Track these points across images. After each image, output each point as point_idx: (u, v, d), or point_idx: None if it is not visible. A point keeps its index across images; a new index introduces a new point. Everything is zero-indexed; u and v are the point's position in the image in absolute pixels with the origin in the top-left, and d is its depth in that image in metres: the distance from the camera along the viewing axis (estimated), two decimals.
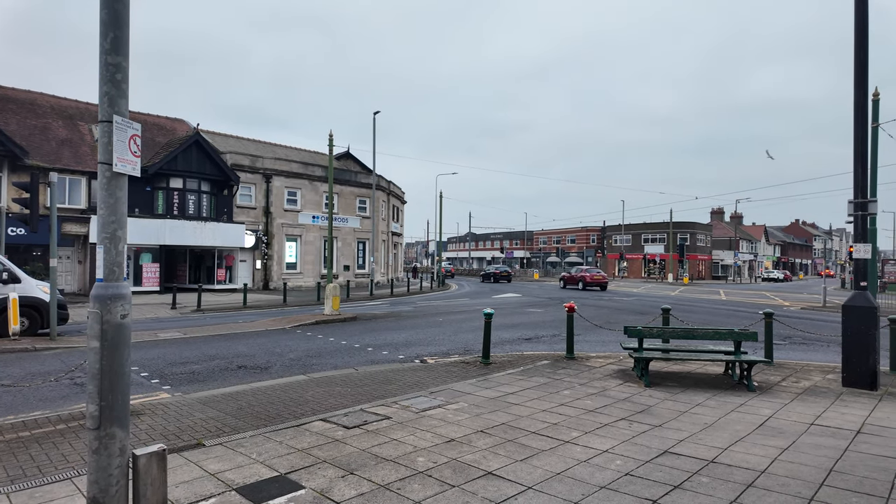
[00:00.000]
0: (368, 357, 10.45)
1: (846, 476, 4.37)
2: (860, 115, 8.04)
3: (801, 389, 7.60)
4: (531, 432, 5.48)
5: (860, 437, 5.44)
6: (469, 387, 7.50)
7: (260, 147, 36.96)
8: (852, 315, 7.80)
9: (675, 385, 7.81)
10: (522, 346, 12.12)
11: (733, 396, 7.14)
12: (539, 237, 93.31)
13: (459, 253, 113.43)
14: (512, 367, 8.95)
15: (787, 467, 4.56)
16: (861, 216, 8.14)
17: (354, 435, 5.36)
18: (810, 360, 10.41)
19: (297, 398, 6.94)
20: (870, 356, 7.62)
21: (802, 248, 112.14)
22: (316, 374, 8.53)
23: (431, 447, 5.00)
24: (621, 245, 73.37)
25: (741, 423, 5.88)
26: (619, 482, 4.21)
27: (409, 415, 6.07)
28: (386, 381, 7.98)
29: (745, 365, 7.76)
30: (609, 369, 8.92)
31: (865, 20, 7.90)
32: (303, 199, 34.05)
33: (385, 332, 13.96)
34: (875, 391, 7.51)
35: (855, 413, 6.35)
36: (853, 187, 8.14)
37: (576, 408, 6.47)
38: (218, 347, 11.28)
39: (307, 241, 34.15)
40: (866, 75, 7.95)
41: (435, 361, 9.76)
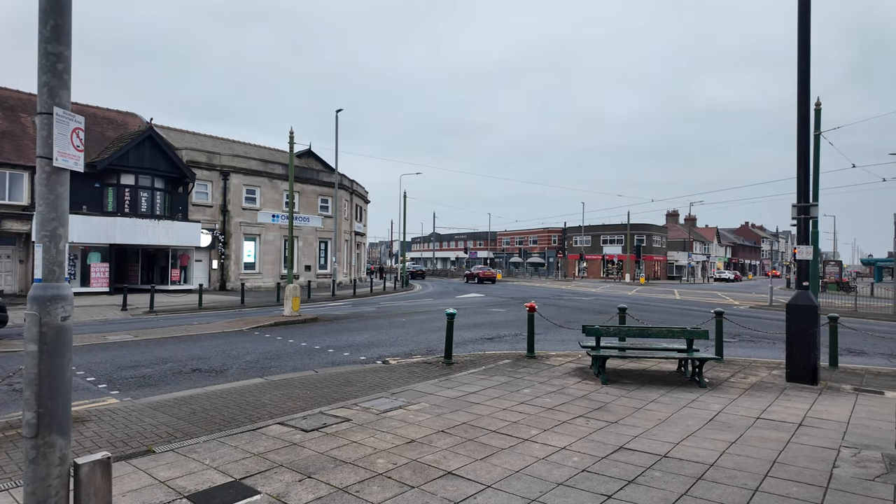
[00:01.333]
0: (329, 359, 10.30)
1: (788, 467, 4.59)
2: (803, 123, 8.47)
3: (749, 385, 7.94)
4: (491, 431, 5.52)
5: (801, 429, 5.72)
6: (431, 387, 7.50)
7: (217, 143, 35.91)
8: (795, 314, 8.20)
9: (630, 382, 8.02)
10: (485, 345, 12.20)
11: (685, 392, 7.39)
12: (502, 238, 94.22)
13: (423, 253, 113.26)
14: (474, 367, 9.00)
15: (735, 460, 4.75)
16: (804, 219, 8.57)
17: (313, 438, 5.27)
18: (757, 357, 10.89)
19: (254, 402, 6.77)
20: (811, 352, 8.03)
21: (751, 250, 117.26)
22: (274, 377, 8.35)
23: (392, 448, 4.97)
24: (581, 246, 74.92)
25: (692, 419, 6.09)
26: (576, 478, 4.29)
27: (370, 416, 6.02)
28: (347, 382, 7.88)
29: (697, 362, 8.05)
30: (568, 367, 9.08)
31: (808, 35, 8.33)
32: (262, 197, 33.28)
33: (347, 334, 13.79)
34: (816, 385, 7.91)
35: (797, 407, 6.68)
36: (797, 192, 8.57)
37: (535, 406, 6.56)
38: (171, 350, 10.89)
39: (267, 240, 33.40)
40: (808, 86, 8.38)
41: (397, 362, 9.71)
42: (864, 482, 4.25)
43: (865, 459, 4.76)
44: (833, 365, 9.42)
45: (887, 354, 11.90)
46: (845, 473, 4.43)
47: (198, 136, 35.92)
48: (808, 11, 8.33)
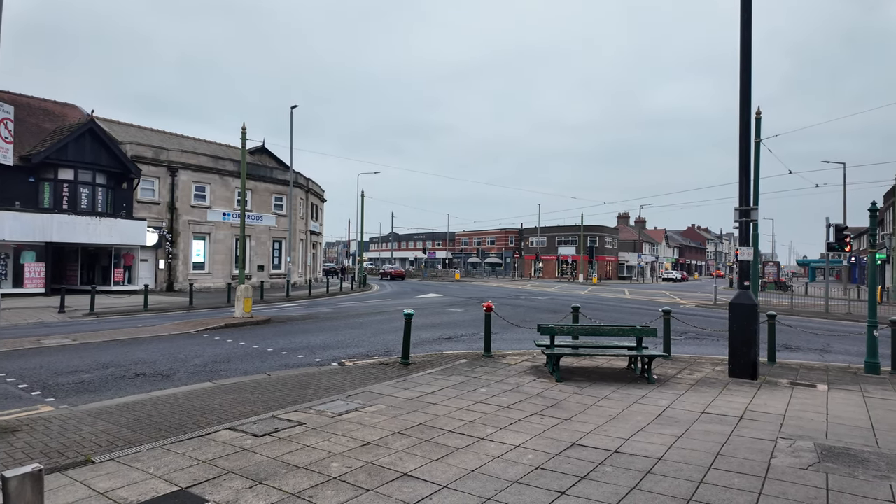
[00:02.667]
0: (282, 361, 10.06)
1: (730, 459, 4.80)
2: (745, 131, 8.90)
3: (694, 381, 8.28)
4: (448, 431, 5.52)
5: (742, 422, 6.01)
6: (388, 388, 7.44)
7: (165, 138, 34.47)
8: (737, 312, 8.61)
9: (583, 379, 8.21)
10: (442, 345, 12.22)
11: (635, 389, 7.63)
12: (461, 238, 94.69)
13: (382, 253, 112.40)
14: (431, 367, 8.99)
15: (681, 454, 4.93)
16: (745, 222, 9.01)
17: (265, 443, 5.12)
18: (702, 354, 11.38)
19: (203, 406, 6.52)
20: (751, 349, 8.45)
21: (697, 251, 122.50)
22: (224, 381, 8.07)
23: (347, 452, 4.89)
24: (537, 247, 76.29)
25: (642, 414, 6.29)
26: (531, 476, 4.35)
27: (325, 420, 5.91)
28: (301, 385, 7.71)
29: (646, 359, 8.33)
30: (524, 366, 9.21)
31: (749, 47, 8.76)
32: (212, 194, 32.18)
33: (301, 335, 13.51)
34: (755, 380, 8.33)
35: (739, 401, 7.01)
36: (739, 196, 9.00)
37: (491, 405, 6.61)
38: (113, 354, 10.36)
39: (217, 239, 32.32)
40: (750, 96, 8.81)
41: (353, 364, 9.59)
42: (799, 471, 4.50)
43: (800, 450, 5.05)
44: (771, 360, 9.95)
45: (819, 350, 12.67)
46: (782, 463, 4.68)
47: (144, 129, 34.38)
48: (749, 27, 8.76)
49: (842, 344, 13.65)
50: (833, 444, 5.23)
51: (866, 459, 4.78)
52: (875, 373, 9.02)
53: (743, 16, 8.78)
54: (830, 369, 9.54)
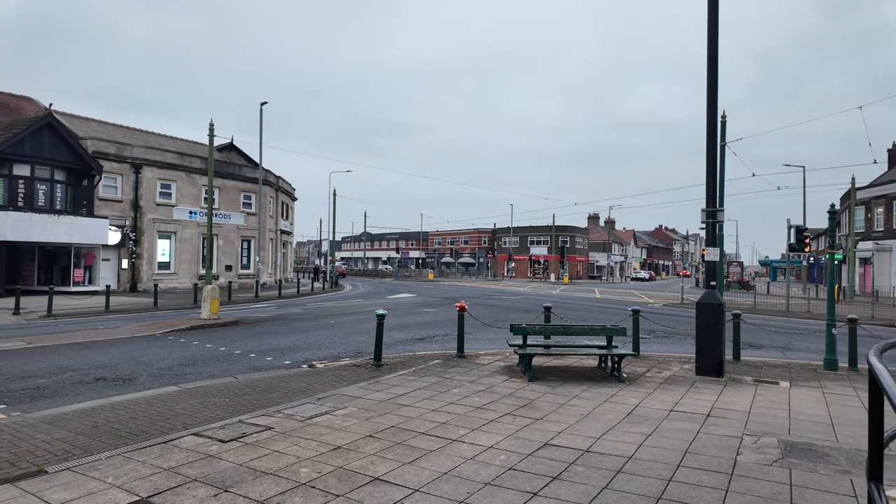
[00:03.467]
0: (250, 364, 9.83)
1: (698, 456, 4.88)
2: (711, 135, 9.10)
3: (663, 379, 8.42)
4: (420, 433, 5.46)
5: (710, 419, 6.13)
6: (359, 390, 7.33)
7: (129, 134, 33.39)
8: (703, 311, 8.80)
9: (555, 379, 8.26)
10: (415, 346, 12.14)
11: (606, 388, 7.71)
12: (434, 238, 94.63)
13: (354, 253, 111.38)
14: (404, 368, 8.91)
15: (651, 452, 4.99)
16: (711, 223, 9.22)
17: (231, 449, 4.97)
18: (670, 352, 11.60)
19: (166, 412, 6.30)
20: (717, 347, 8.64)
21: (665, 251, 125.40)
22: (189, 385, 7.83)
23: (316, 456, 4.78)
24: (510, 247, 76.85)
25: (612, 413, 6.35)
26: (503, 477, 4.33)
27: (294, 424, 5.78)
28: (269, 388, 7.53)
29: (616, 358, 8.44)
30: (496, 366, 9.22)
31: (716, 54, 8.96)
32: (178, 192, 31.32)
33: (270, 337, 13.24)
34: (721, 378, 8.53)
35: (706, 398, 7.15)
36: (705, 198, 9.20)
37: (464, 405, 6.58)
38: (72, 358, 9.94)
39: (183, 238, 31.48)
40: (716, 101, 9.02)
41: (324, 366, 9.43)
42: (764, 467, 4.60)
43: (765, 446, 5.17)
44: (736, 358, 10.21)
45: (781, 347, 13.08)
46: (747, 460, 4.78)
47: (106, 125, 33.23)
48: (716, 34, 8.96)
49: (802, 341, 14.12)
50: (796, 439, 5.38)
51: (827, 455, 4.92)
52: (833, 369, 9.34)
53: (710, 23, 8.98)
54: (792, 366, 9.85)
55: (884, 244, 36.75)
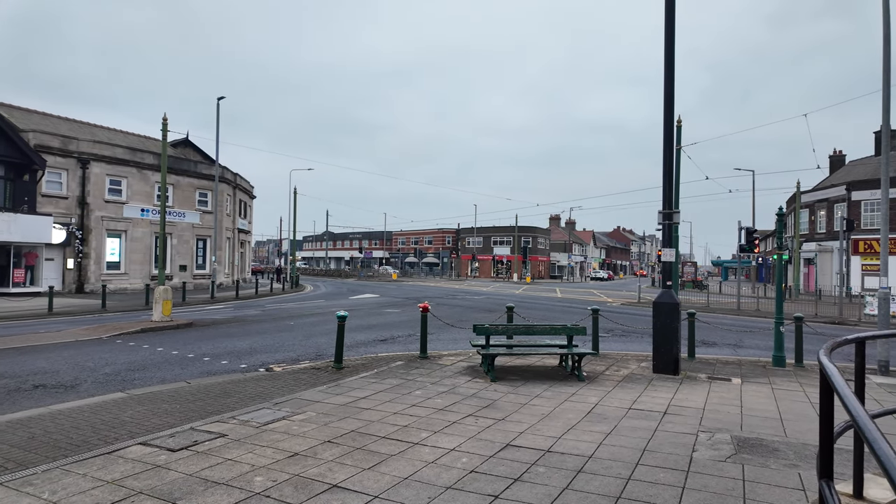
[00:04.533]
0: (204, 368, 9.46)
1: (656, 454, 4.96)
2: (668, 139, 9.33)
3: (622, 377, 8.57)
4: (381, 437, 5.36)
5: (666, 417, 6.26)
6: (319, 394, 7.15)
7: (75, 127, 31.76)
8: (660, 310, 9.01)
9: (517, 378, 8.29)
10: (378, 347, 11.98)
11: (566, 386, 7.78)
12: (398, 238, 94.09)
13: (316, 252, 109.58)
14: (365, 371, 8.76)
15: (611, 450, 5.04)
16: (667, 225, 9.45)
17: (181, 458, 4.73)
18: (628, 350, 11.85)
19: (112, 420, 5.97)
20: (673, 346, 8.87)
21: (623, 251, 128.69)
22: (138, 391, 7.46)
23: (272, 464, 4.61)
24: (474, 247, 77.24)
25: (573, 412, 6.40)
26: (465, 480, 4.28)
27: (249, 430, 5.56)
28: (223, 393, 7.25)
29: (576, 357, 8.54)
30: (459, 366, 9.18)
31: (672, 62, 9.19)
32: (129, 189, 30.00)
33: (226, 340, 12.81)
34: (677, 375, 8.75)
35: (663, 396, 7.31)
36: (662, 200, 9.42)
37: (426, 407, 6.50)
38: (7, 364, 9.32)
39: (134, 237, 30.17)
40: (673, 106, 9.24)
41: (282, 369, 9.17)
42: (718, 463, 4.71)
43: (719, 442, 5.31)
44: (691, 356, 10.51)
45: (733, 345, 13.57)
46: (703, 456, 4.89)
47: (49, 117, 31.50)
48: (672, 44, 9.18)
49: (752, 339, 14.69)
50: (748, 435, 5.55)
51: (777, 449, 5.09)
52: (781, 366, 9.74)
53: (667, 34, 9.19)
54: (743, 363, 10.21)
55: (825, 245, 38.79)
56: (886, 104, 9.65)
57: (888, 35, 9.46)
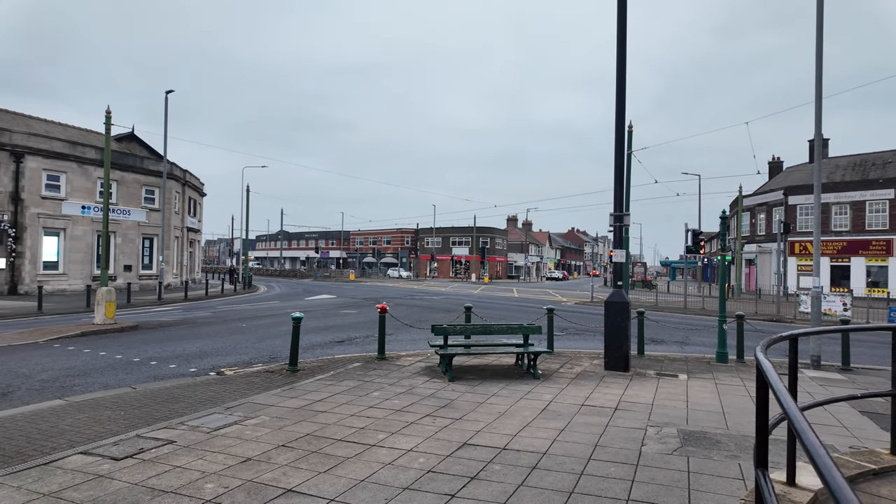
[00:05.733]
0: (151, 372, 9.09)
1: (607, 449, 5.12)
2: (619, 143, 9.64)
3: (575, 374, 8.79)
4: (337, 440, 5.30)
5: (617, 412, 6.47)
6: (273, 398, 6.99)
7: (7, 118, 29.81)
8: (611, 310, 9.30)
9: (475, 378, 8.37)
10: (334, 349, 11.83)
11: (522, 385, 7.92)
12: (356, 237, 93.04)
13: (270, 252, 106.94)
14: (321, 373, 8.64)
15: (564, 447, 5.17)
16: (618, 227, 9.76)
17: (126, 467, 4.54)
18: (582, 348, 12.16)
19: (49, 429, 5.65)
20: (624, 343, 9.17)
21: (577, 252, 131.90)
22: (78, 398, 7.09)
23: (224, 470, 4.48)
24: (432, 247, 77.34)
25: (528, 410, 6.52)
26: (422, 480, 4.29)
27: (199, 436, 5.39)
28: (171, 398, 6.99)
29: (532, 356, 8.70)
30: (417, 367, 9.19)
31: (624, 70, 9.50)
32: (69, 185, 28.43)
33: (174, 343, 12.34)
34: (628, 372, 9.05)
35: (614, 393, 7.55)
36: (613, 203, 9.72)
37: (384, 409, 6.48)
38: None
39: (74, 235, 28.61)
40: (624, 112, 9.56)
41: (234, 373, 8.92)
42: (665, 456, 4.91)
43: (666, 436, 5.53)
44: (641, 353, 10.89)
45: (680, 342, 14.15)
46: (651, 450, 5.09)
47: None
48: (624, 55, 9.49)
49: (698, 336, 15.36)
50: (693, 428, 5.81)
51: (719, 441, 5.35)
52: (724, 362, 10.23)
53: (619, 46, 9.48)
54: (689, 360, 10.67)
55: (765, 247, 41.00)
56: (819, 116, 10.29)
57: (821, 54, 10.09)
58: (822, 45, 10.09)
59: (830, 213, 36.80)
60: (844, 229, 36.41)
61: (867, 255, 35.32)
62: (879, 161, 38.44)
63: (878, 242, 34.91)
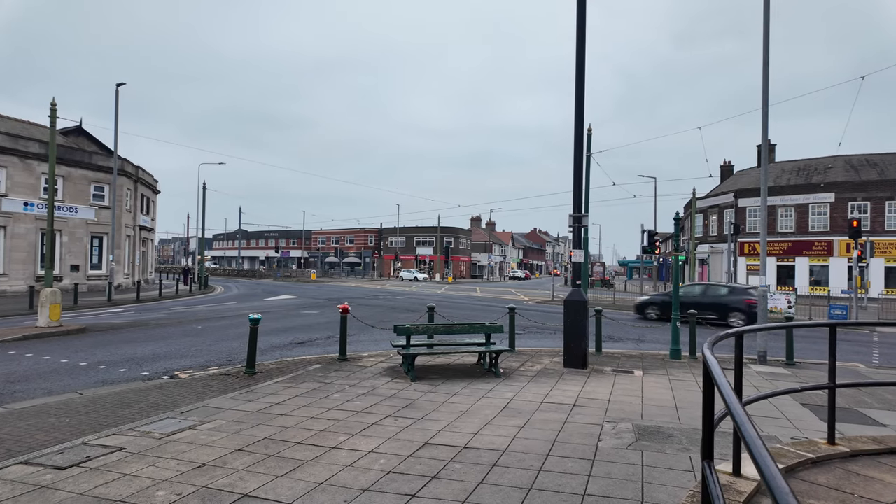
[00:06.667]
0: (100, 377, 8.71)
1: (565, 445, 5.23)
2: (578, 146, 9.84)
3: (535, 372, 8.93)
4: (296, 443, 5.21)
5: (575, 409, 6.61)
6: (229, 401, 6.82)
7: None
8: (570, 308, 9.49)
9: (437, 377, 8.39)
10: (294, 350, 11.62)
11: (484, 383, 7.99)
12: (318, 237, 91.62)
13: (228, 252, 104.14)
14: (280, 375, 8.47)
15: (524, 444, 5.25)
16: (578, 227, 9.97)
17: (71, 476, 4.34)
18: (542, 347, 12.36)
19: None
20: (582, 341, 9.37)
21: (539, 252, 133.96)
22: (19, 405, 6.73)
23: (176, 477, 4.34)
24: (396, 247, 77.01)
25: (489, 408, 6.59)
26: (382, 481, 4.28)
27: (150, 442, 5.20)
28: (122, 404, 6.73)
29: (494, 354, 8.79)
30: (380, 367, 9.14)
31: (583, 78, 9.70)
32: (10, 180, 26.89)
33: (125, 346, 11.87)
34: (586, 369, 9.26)
35: (572, 389, 7.71)
36: (573, 204, 9.92)
37: (345, 410, 6.41)
38: None
39: (16, 233, 27.09)
40: (583, 118, 9.76)
41: (189, 376, 8.65)
42: (621, 451, 5.05)
43: (621, 431, 5.69)
44: (598, 351, 11.16)
45: (636, 339, 14.57)
46: (607, 445, 5.23)
47: None
48: (583, 56, 9.70)
49: (653, 334, 15.85)
50: (647, 423, 5.99)
51: (672, 435, 5.55)
52: (678, 358, 10.60)
53: (578, 57, 9.67)
54: (645, 357, 11.00)
55: (717, 247, 42.67)
56: (765, 123, 10.79)
57: (767, 63, 10.58)
58: (769, 58, 10.58)
59: (777, 216, 38.63)
60: (790, 231, 38.30)
61: (810, 255, 37.25)
62: (821, 166, 40.63)
63: (820, 243, 36.87)
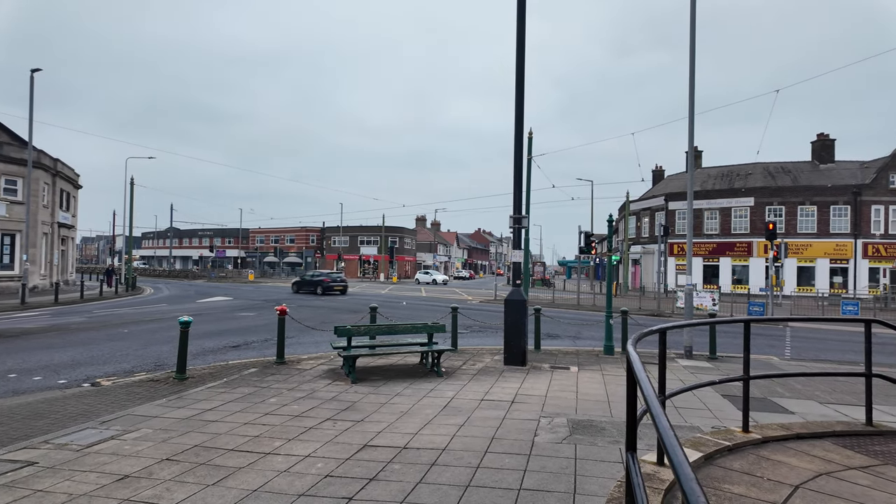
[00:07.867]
0: (9, 386, 8.04)
1: (503, 441, 5.34)
2: (518, 149, 10.06)
3: (476, 370, 9.06)
4: (229, 450, 5.03)
5: (514, 406, 6.76)
6: (157, 409, 6.48)
7: None
8: (510, 308, 9.69)
9: (379, 378, 8.33)
10: (229, 354, 11.19)
11: (426, 383, 8.02)
12: (256, 236, 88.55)
13: (158, 251, 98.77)
14: (213, 380, 8.14)
15: (464, 441, 5.31)
16: (517, 228, 10.19)
17: None
18: (484, 345, 12.55)
19: None
20: (522, 339, 9.59)
21: (483, 252, 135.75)
22: None
23: (96, 490, 4.09)
24: (339, 246, 75.68)
25: (430, 407, 6.62)
26: (319, 486, 4.21)
27: (67, 454, 4.86)
28: (35, 415, 6.24)
29: (436, 354, 8.84)
30: (319, 370, 8.96)
31: (522, 77, 9.93)
32: None
33: (40, 352, 11.01)
34: (525, 366, 9.49)
35: (511, 386, 7.88)
36: (513, 205, 10.13)
37: (281, 415, 6.25)
38: None
39: None
40: (523, 122, 9.99)
41: (112, 383, 8.14)
42: (556, 445, 5.22)
43: (556, 426, 5.87)
44: (537, 348, 11.46)
45: (573, 337, 15.06)
46: (542, 440, 5.38)
47: None
48: (522, 62, 9.93)
49: (589, 331, 16.45)
50: (581, 417, 6.22)
51: (604, 429, 5.78)
52: (611, 354, 11.05)
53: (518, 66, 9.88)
54: (580, 353, 11.39)
55: (648, 248, 44.82)
56: (691, 131, 11.45)
57: (693, 75, 11.24)
58: (695, 69, 11.24)
59: (703, 218, 41.06)
60: (714, 233, 40.80)
61: (733, 255, 39.85)
62: (743, 172, 43.55)
63: (742, 245, 39.53)
